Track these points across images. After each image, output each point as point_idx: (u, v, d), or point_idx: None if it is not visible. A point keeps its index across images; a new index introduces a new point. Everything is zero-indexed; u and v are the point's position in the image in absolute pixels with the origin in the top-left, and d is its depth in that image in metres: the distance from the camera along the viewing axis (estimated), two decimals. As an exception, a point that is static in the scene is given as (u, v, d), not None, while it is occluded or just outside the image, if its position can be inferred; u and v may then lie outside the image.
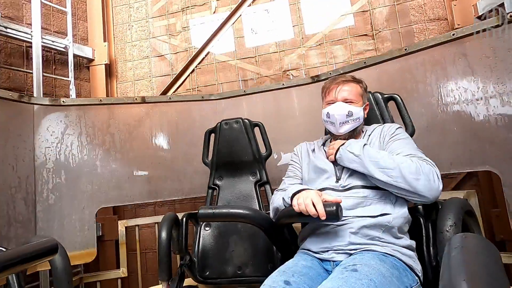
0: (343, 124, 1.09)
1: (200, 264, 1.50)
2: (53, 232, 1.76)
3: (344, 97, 1.10)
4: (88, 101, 1.92)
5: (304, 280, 0.86)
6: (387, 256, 0.87)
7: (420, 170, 0.89)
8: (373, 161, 0.94)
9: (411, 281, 0.84)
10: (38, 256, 0.73)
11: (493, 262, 0.30)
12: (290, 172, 1.23)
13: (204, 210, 1.05)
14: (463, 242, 0.37)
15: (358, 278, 0.75)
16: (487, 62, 1.41)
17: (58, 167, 1.83)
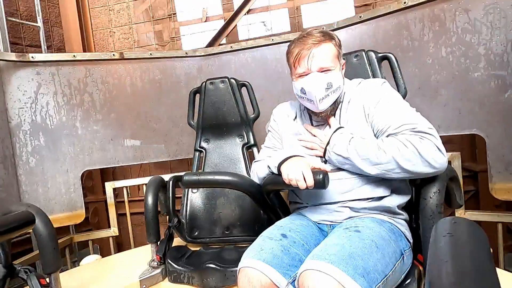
0: (323, 99, 0.90)
1: (188, 225, 1.53)
2: (38, 196, 1.73)
3: (319, 66, 0.89)
4: (60, 57, 1.77)
5: (300, 236, 0.88)
6: (384, 221, 0.89)
7: (417, 153, 0.78)
8: (364, 159, 0.84)
9: (405, 245, 0.87)
10: (14, 228, 0.71)
11: (483, 252, 0.30)
12: (269, 142, 1.12)
13: (189, 176, 1.02)
14: (451, 228, 0.35)
15: (361, 238, 0.77)
16: (489, 19, 1.32)
17: (35, 129, 1.74)
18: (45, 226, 0.99)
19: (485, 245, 0.32)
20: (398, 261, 0.80)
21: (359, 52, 1.28)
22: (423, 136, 0.81)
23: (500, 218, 1.53)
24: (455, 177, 0.99)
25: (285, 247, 0.83)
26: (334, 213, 0.93)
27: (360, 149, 0.85)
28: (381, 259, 0.75)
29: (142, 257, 1.44)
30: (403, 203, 0.94)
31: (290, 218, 0.99)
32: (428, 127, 0.83)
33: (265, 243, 0.84)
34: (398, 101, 0.91)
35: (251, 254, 0.81)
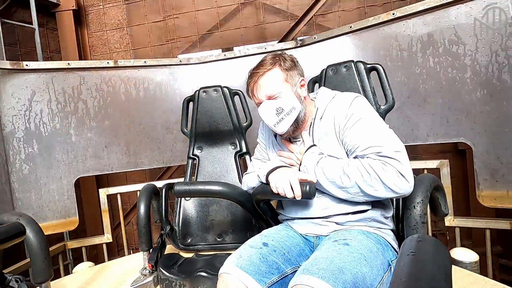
0: (278, 124, 0.93)
1: (181, 232, 1.54)
2: (31, 203, 1.74)
3: (265, 94, 0.94)
4: (54, 65, 1.78)
5: (282, 246, 0.91)
6: (370, 233, 0.90)
7: (379, 180, 0.80)
8: (331, 182, 0.88)
9: (392, 256, 0.89)
10: (4, 240, 0.72)
11: (441, 273, 0.31)
12: (258, 154, 1.17)
13: (180, 186, 1.04)
14: (415, 247, 0.37)
15: (350, 252, 0.78)
16: (475, 31, 1.36)
17: (29, 136, 1.75)
18: (36, 235, 1.00)
19: (445, 265, 0.33)
20: (386, 272, 0.82)
21: (348, 63, 1.31)
22: (386, 162, 0.81)
23: (488, 224, 1.56)
24: (439, 186, 1.02)
25: (264, 255, 0.85)
26: (320, 227, 0.95)
27: (327, 172, 0.88)
28: (369, 272, 0.76)
29: (134, 265, 1.45)
30: (387, 213, 0.96)
31: (277, 228, 1.01)
32: (394, 150, 0.82)
33: (245, 251, 0.87)
34: (368, 119, 0.89)
35: (229, 261, 0.85)
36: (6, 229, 0.73)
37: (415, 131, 1.57)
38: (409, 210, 0.89)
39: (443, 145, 2.34)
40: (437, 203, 1.02)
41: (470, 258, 1.32)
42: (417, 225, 0.87)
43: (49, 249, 1.03)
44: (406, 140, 1.58)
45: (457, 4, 1.39)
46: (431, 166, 1.64)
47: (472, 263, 1.30)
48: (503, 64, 1.31)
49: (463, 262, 1.32)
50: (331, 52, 1.76)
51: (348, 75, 1.30)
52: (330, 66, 1.34)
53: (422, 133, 1.55)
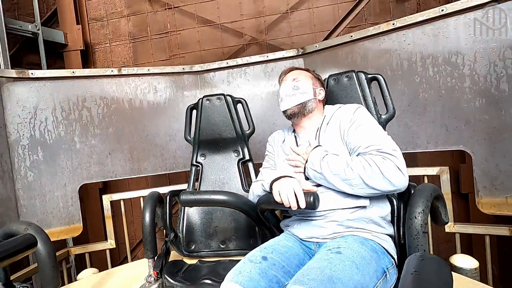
0: (288, 97, 1.11)
1: (185, 239, 1.56)
2: (35, 210, 1.75)
3: (292, 77, 1.15)
4: (59, 74, 1.80)
5: (281, 258, 0.92)
6: (367, 240, 0.93)
7: (379, 171, 0.88)
8: (335, 175, 0.94)
9: (388, 263, 0.91)
10: (17, 252, 0.74)
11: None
12: (266, 163, 1.25)
13: (186, 196, 1.06)
14: (418, 266, 0.39)
15: (341, 260, 0.81)
16: (474, 41, 1.39)
17: (34, 144, 1.77)
18: (45, 245, 1.01)
19: (446, 283, 0.36)
20: (380, 279, 0.84)
21: (349, 73, 1.33)
22: (385, 156, 0.90)
23: (487, 231, 1.58)
24: (440, 195, 1.04)
25: (263, 270, 0.86)
26: (320, 229, 0.98)
27: (332, 165, 0.95)
28: (361, 280, 0.78)
29: (138, 271, 1.47)
30: (386, 215, 0.99)
31: (277, 239, 1.03)
32: (393, 149, 0.93)
33: (245, 265, 0.88)
34: (369, 124, 1.01)
35: (230, 277, 0.86)
36: (19, 242, 0.75)
37: (415, 139, 1.59)
38: (410, 220, 0.91)
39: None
40: (438, 212, 1.04)
41: (470, 265, 1.34)
42: (418, 234, 0.89)
43: (56, 257, 1.05)
44: (407, 147, 1.61)
45: (456, 15, 1.42)
46: (431, 173, 1.67)
47: (472, 270, 1.32)
48: (501, 74, 1.34)
49: (463, 269, 1.34)
50: (332, 61, 1.79)
51: (350, 85, 1.33)
52: (331, 76, 1.36)
53: (422, 141, 1.57)
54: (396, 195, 1.14)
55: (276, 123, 1.93)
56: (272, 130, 1.90)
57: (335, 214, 0.97)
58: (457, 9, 1.39)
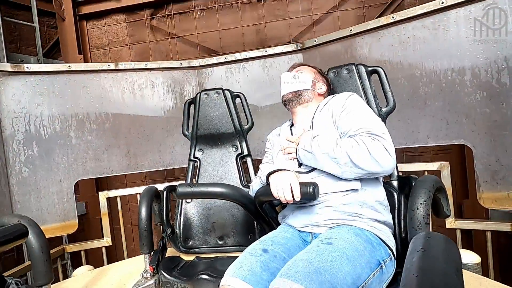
0: (287, 84, 1.14)
1: (182, 235, 1.54)
2: (30, 206, 1.72)
3: (296, 69, 1.19)
4: (55, 68, 1.78)
5: (282, 249, 0.91)
6: (362, 230, 0.90)
7: (366, 150, 0.88)
8: (324, 153, 0.94)
9: (384, 254, 0.89)
10: (6, 241, 0.71)
11: (452, 268, 0.31)
12: (265, 159, 1.25)
13: (183, 188, 1.04)
14: (425, 244, 0.37)
15: (331, 251, 0.78)
16: (475, 35, 1.38)
17: (29, 139, 1.74)
18: (37, 238, 0.99)
19: (455, 260, 0.34)
20: (374, 271, 0.81)
21: (349, 66, 1.32)
22: (374, 137, 0.91)
23: (489, 226, 1.56)
24: (442, 187, 1.02)
25: (265, 262, 0.84)
26: (315, 215, 0.96)
27: (321, 144, 0.96)
28: (352, 271, 0.76)
29: (134, 268, 1.44)
30: (383, 200, 0.98)
31: (275, 232, 1.02)
32: (382, 132, 0.93)
33: (245, 259, 0.86)
34: (360, 109, 1.02)
35: (231, 272, 0.83)
36: (8, 230, 0.72)
37: (415, 133, 1.58)
38: (412, 211, 0.89)
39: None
40: (439, 204, 1.02)
41: (472, 260, 1.32)
42: (421, 225, 0.87)
43: (50, 252, 1.02)
44: (407, 142, 1.59)
45: (456, 7, 1.40)
46: (432, 168, 1.65)
47: (474, 265, 1.30)
48: (502, 66, 1.33)
49: (465, 264, 1.32)
50: (331, 55, 1.77)
51: (350, 78, 1.31)
52: (331, 69, 1.35)
53: (422, 135, 1.56)
54: (397, 187, 1.12)
55: (276, 117, 1.90)
56: (271, 125, 1.89)
57: (329, 199, 0.95)
58: (458, 1, 1.38)
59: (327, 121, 1.05)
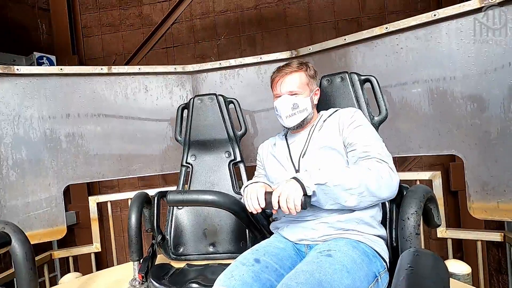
0: (290, 117, 1.08)
1: (173, 241, 1.51)
2: (17, 211, 1.68)
3: (288, 90, 1.07)
4: (46, 70, 1.75)
5: (274, 260, 0.90)
6: (358, 243, 0.91)
7: (380, 177, 0.87)
8: (337, 185, 0.86)
9: (379, 267, 0.89)
10: (-13, 250, 0.68)
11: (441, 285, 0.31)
12: (256, 172, 1.27)
13: (173, 195, 1.02)
14: (413, 262, 0.37)
15: (331, 263, 0.79)
16: (465, 46, 1.40)
17: (18, 142, 1.71)
18: (22, 245, 0.96)
19: (442, 278, 0.33)
20: (371, 284, 0.82)
21: (342, 74, 1.33)
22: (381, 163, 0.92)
23: (479, 236, 1.57)
24: (432, 197, 1.02)
25: (256, 273, 0.83)
26: (310, 231, 0.95)
27: (332, 176, 0.87)
28: (351, 284, 0.76)
29: (123, 275, 1.41)
30: (376, 214, 0.97)
31: (268, 241, 1.01)
32: (387, 155, 0.96)
33: (237, 269, 0.85)
34: (368, 127, 1.04)
35: (221, 281, 0.82)
36: (-10, 238, 0.69)
37: (407, 143, 1.59)
38: (403, 221, 0.89)
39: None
40: (430, 214, 1.02)
41: (462, 270, 1.32)
42: (411, 236, 0.87)
43: (35, 259, 0.99)
44: (399, 151, 1.60)
45: (447, 20, 1.43)
46: (424, 177, 1.66)
47: (465, 275, 1.30)
48: (492, 79, 1.35)
49: (455, 274, 1.32)
50: (325, 63, 1.78)
51: (343, 86, 1.32)
52: (325, 77, 1.36)
53: (414, 145, 1.57)
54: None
55: (270, 124, 1.90)
56: (265, 131, 1.90)
57: (324, 216, 0.94)
58: (449, 14, 1.40)
59: (333, 129, 1.04)
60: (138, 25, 2.87)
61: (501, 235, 1.49)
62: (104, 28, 2.93)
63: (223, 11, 2.77)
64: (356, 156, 0.96)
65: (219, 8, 2.77)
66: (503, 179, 1.33)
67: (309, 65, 1.13)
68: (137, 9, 2.88)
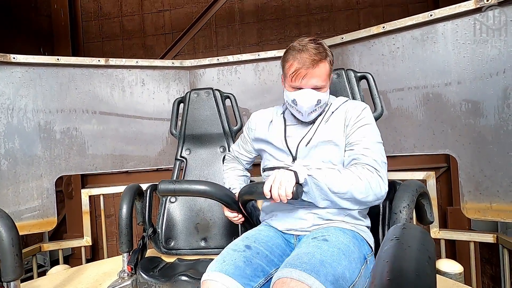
0: (311, 113, 0.98)
1: (164, 235, 1.50)
2: (7, 200, 1.66)
3: (313, 85, 0.95)
4: (43, 60, 1.74)
5: (264, 247, 0.91)
6: (347, 230, 0.93)
7: (369, 187, 0.86)
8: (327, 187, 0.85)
9: (367, 250, 0.92)
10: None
11: (424, 256, 0.31)
12: (243, 145, 1.21)
13: (165, 185, 1.01)
14: (399, 233, 0.37)
15: (330, 247, 0.81)
16: (460, 47, 1.41)
17: (11, 131, 1.69)
18: (8, 230, 0.94)
19: (428, 251, 0.33)
20: (363, 265, 0.85)
21: (339, 71, 1.33)
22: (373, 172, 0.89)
23: (472, 237, 1.57)
24: (425, 193, 1.02)
25: (248, 258, 0.84)
26: (299, 221, 0.96)
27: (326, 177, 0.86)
28: (348, 266, 0.78)
29: (113, 267, 1.39)
30: (363, 211, 0.99)
31: (257, 229, 1.01)
32: (382, 161, 0.93)
33: (228, 255, 0.86)
34: (373, 127, 0.99)
35: (213, 267, 0.82)
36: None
37: (402, 142, 1.59)
38: (395, 215, 0.88)
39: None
40: (423, 210, 1.02)
41: (454, 269, 1.32)
42: (403, 229, 0.87)
43: (21, 246, 0.97)
44: (394, 150, 1.60)
45: (444, 21, 1.44)
46: (418, 177, 1.66)
47: (457, 274, 1.30)
48: (487, 79, 1.36)
49: (448, 273, 1.32)
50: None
51: (339, 82, 1.32)
52: (321, 73, 1.35)
53: (409, 144, 1.57)
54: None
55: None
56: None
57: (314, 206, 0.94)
58: (445, 14, 1.42)
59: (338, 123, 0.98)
60: (141, 56, 2.87)
61: (493, 236, 1.49)
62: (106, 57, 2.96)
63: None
64: (351, 156, 0.94)
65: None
66: (496, 179, 1.34)
67: (327, 48, 0.97)
68: (140, 40, 2.89)
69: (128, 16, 2.89)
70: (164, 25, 2.85)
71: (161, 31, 2.86)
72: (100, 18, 2.91)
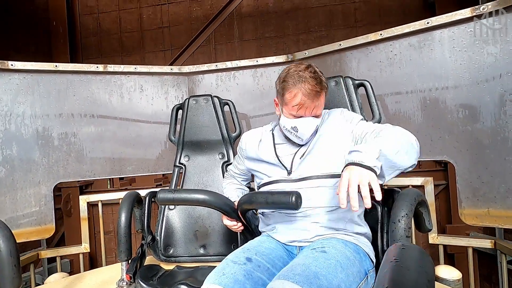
0: (309, 138, 1.02)
1: (163, 243, 1.49)
2: (5, 208, 1.65)
3: (315, 113, 0.98)
4: (41, 67, 1.74)
5: (266, 260, 0.90)
6: (349, 242, 0.92)
7: (403, 131, 0.90)
8: (388, 153, 0.80)
9: (369, 266, 0.91)
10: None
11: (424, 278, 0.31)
12: (238, 165, 1.25)
13: (164, 194, 1.01)
14: (399, 254, 0.37)
15: (327, 258, 0.80)
16: (457, 54, 1.42)
17: (9, 138, 1.68)
18: (6, 241, 0.94)
19: (427, 272, 0.33)
20: (362, 280, 0.83)
21: (337, 78, 1.34)
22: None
23: (470, 243, 1.58)
24: (424, 201, 1.02)
25: (248, 271, 0.83)
26: (302, 232, 0.95)
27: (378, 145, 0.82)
28: (345, 279, 0.77)
29: (111, 276, 1.38)
30: (361, 213, 0.99)
31: (259, 240, 1.00)
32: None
33: (228, 267, 0.84)
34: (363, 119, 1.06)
35: (212, 279, 0.80)
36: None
37: (400, 148, 1.59)
38: (394, 224, 0.89)
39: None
40: (421, 218, 1.02)
41: (453, 276, 1.32)
42: (402, 239, 0.87)
43: (19, 256, 0.97)
44: (392, 156, 1.60)
45: (440, 28, 1.45)
46: (416, 183, 1.67)
47: (455, 281, 1.30)
48: (483, 86, 1.37)
49: (446, 280, 1.32)
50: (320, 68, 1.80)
51: (337, 90, 1.33)
52: (319, 80, 1.36)
53: (407, 150, 1.57)
54: (381, 202, 1.12)
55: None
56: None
57: (313, 214, 0.94)
58: (442, 22, 1.43)
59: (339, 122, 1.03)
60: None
61: (491, 242, 1.50)
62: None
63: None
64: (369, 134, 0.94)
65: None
66: (494, 185, 1.34)
67: (321, 74, 1.01)
68: (140, 56, 2.90)
69: (127, 32, 2.90)
70: (164, 42, 2.86)
71: (160, 47, 2.88)
72: (99, 34, 2.91)
